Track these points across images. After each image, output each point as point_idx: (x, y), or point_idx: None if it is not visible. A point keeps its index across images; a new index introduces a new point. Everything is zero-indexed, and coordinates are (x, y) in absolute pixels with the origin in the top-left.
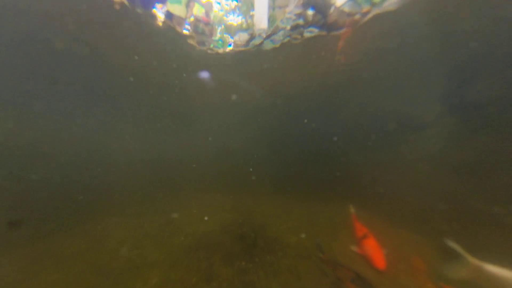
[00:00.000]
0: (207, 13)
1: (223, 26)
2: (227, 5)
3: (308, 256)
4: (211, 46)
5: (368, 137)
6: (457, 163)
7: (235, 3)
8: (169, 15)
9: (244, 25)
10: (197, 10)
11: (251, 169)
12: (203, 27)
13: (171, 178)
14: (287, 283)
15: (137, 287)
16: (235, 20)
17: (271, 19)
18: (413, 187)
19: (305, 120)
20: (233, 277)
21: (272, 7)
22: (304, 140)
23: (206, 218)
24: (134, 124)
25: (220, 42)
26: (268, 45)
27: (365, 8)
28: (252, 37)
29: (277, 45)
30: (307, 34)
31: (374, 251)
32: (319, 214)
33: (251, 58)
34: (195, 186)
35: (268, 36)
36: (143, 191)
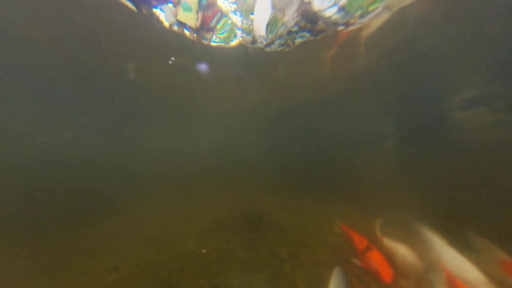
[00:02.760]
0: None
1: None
2: (229, 6)
3: (296, 231)
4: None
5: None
6: None
7: (234, 6)
8: (181, 24)
9: (246, 28)
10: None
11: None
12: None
13: (190, 176)
14: (280, 245)
15: (179, 249)
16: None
17: (273, 22)
18: None
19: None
20: (244, 242)
21: (274, 9)
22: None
23: (222, 207)
24: (167, 129)
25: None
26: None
27: (353, 18)
28: (253, 40)
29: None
30: (298, 40)
31: (380, 265)
32: (307, 206)
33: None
34: (212, 184)
35: (267, 44)
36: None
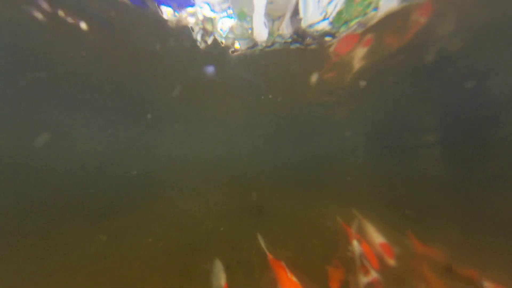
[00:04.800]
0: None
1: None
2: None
3: (289, 217)
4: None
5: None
6: None
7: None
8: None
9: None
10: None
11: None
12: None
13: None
14: (278, 225)
15: (201, 229)
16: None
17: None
18: None
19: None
20: (250, 223)
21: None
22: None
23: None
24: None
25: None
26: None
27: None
28: (253, 45)
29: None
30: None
31: (368, 254)
32: (300, 200)
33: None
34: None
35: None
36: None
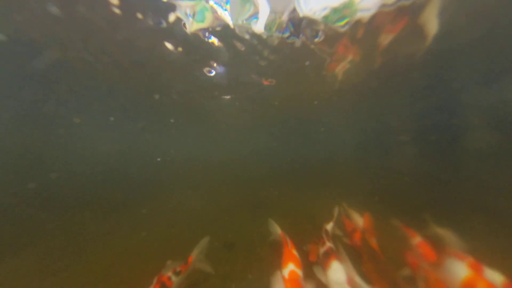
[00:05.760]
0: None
1: None
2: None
3: (281, 210)
4: None
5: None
6: None
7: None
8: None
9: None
10: None
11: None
12: None
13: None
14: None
15: (210, 217)
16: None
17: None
18: None
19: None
20: (249, 215)
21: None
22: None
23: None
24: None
25: None
26: None
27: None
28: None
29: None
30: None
31: (351, 232)
32: (294, 198)
33: None
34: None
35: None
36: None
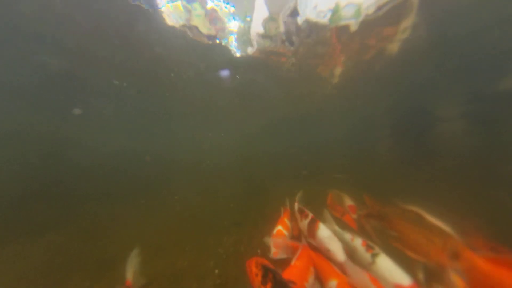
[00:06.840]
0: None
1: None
2: (226, 8)
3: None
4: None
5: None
6: None
7: (232, 9)
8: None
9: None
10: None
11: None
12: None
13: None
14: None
15: (216, 205)
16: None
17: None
18: None
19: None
20: (251, 196)
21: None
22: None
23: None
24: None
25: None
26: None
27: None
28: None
29: None
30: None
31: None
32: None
33: None
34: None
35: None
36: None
